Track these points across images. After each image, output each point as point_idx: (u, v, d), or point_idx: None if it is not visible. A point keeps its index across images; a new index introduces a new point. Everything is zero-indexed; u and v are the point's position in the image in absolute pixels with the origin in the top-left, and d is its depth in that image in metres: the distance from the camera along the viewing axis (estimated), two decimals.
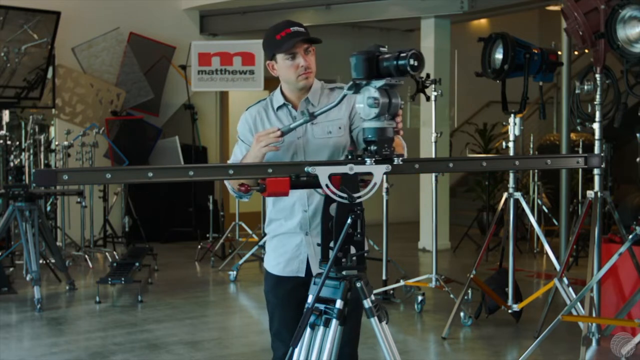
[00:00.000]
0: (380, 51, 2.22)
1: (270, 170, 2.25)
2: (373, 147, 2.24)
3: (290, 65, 2.69)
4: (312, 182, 2.22)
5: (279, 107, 2.78)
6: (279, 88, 2.82)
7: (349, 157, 2.33)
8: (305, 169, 2.22)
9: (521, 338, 5.09)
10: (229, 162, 2.75)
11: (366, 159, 2.24)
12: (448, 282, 5.94)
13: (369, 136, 2.25)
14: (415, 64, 2.14)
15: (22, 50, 8.13)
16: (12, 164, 7.68)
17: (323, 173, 2.21)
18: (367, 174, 2.27)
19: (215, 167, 2.29)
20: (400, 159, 2.27)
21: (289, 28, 2.67)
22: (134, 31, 9.55)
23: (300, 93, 2.77)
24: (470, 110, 11.58)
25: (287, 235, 2.79)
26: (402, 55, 2.15)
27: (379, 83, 2.21)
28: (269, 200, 2.79)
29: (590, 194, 4.69)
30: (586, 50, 4.74)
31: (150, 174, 2.10)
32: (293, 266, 2.78)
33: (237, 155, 2.81)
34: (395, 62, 2.16)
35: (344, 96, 2.32)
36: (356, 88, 2.25)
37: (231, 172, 2.20)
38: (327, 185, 2.21)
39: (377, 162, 2.24)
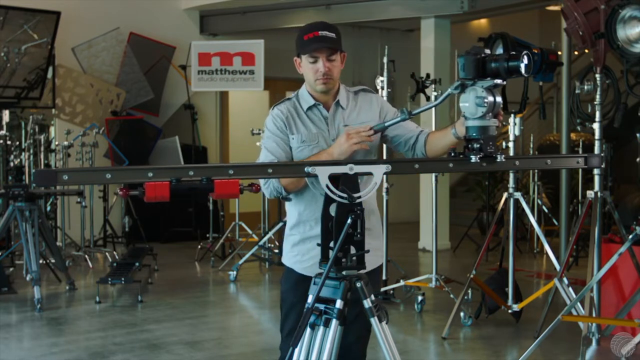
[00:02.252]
0: (485, 52, 2.27)
1: (270, 171, 2.25)
2: (476, 145, 2.27)
3: (311, 67, 2.73)
4: (199, 186, 2.13)
5: (309, 108, 2.79)
6: (304, 88, 2.83)
7: (452, 154, 2.34)
8: (305, 168, 2.22)
9: (521, 338, 5.09)
10: (261, 159, 2.76)
11: (471, 156, 2.28)
12: (448, 282, 5.94)
13: (473, 134, 2.28)
14: (528, 64, 2.19)
15: (22, 50, 8.13)
16: (12, 164, 7.69)
17: (323, 173, 2.21)
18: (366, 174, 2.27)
19: (216, 167, 2.28)
20: (504, 156, 2.29)
21: (318, 31, 2.69)
22: (134, 31, 9.54)
23: (326, 95, 2.79)
24: None
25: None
26: (514, 56, 2.20)
27: (487, 83, 2.25)
28: (301, 202, 2.77)
29: (590, 194, 4.69)
30: (586, 50, 4.74)
31: (150, 174, 2.10)
32: None
33: (274, 149, 2.74)
34: (506, 64, 2.20)
35: (448, 94, 2.34)
36: (462, 88, 2.29)
37: (231, 172, 2.19)
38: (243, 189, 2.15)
39: (481, 160, 2.27)
